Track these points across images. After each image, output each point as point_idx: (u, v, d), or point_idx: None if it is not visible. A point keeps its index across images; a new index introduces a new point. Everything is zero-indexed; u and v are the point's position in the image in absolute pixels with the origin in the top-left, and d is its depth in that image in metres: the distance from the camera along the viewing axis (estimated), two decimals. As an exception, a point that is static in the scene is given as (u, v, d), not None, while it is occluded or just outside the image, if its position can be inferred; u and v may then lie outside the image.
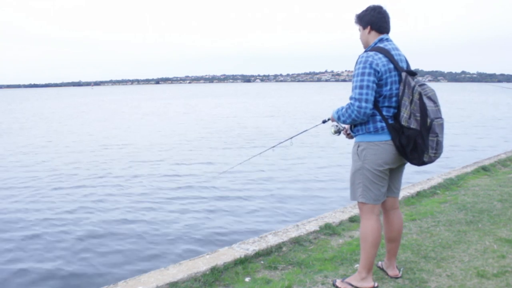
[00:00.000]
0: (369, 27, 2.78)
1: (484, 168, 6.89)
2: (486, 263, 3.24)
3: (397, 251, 3.07)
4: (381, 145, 2.71)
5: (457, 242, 3.68)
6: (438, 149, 2.65)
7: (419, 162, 2.70)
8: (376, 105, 2.71)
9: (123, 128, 20.60)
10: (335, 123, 3.01)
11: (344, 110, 2.75)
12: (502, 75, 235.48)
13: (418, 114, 2.60)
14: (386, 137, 2.71)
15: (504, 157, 8.06)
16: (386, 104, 2.71)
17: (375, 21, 2.76)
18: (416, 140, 2.62)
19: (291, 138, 3.70)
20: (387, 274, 3.08)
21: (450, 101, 41.58)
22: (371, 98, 2.63)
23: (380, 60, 2.65)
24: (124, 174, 10.03)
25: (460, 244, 3.64)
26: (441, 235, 3.86)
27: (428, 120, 2.59)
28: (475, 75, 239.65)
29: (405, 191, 5.41)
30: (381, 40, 2.76)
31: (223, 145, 14.56)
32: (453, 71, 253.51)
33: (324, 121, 3.24)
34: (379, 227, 2.82)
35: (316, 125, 3.34)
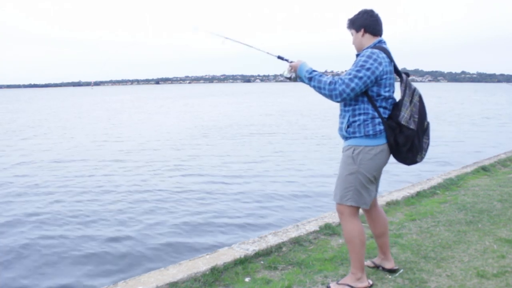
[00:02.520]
0: (362, 30, 2.79)
1: (484, 168, 6.89)
2: (486, 263, 3.24)
3: (388, 244, 3.10)
4: (378, 150, 2.72)
5: (457, 242, 3.68)
6: (426, 151, 2.81)
7: (412, 162, 2.80)
8: (374, 105, 2.70)
9: (130, 127, 20.61)
10: (293, 71, 2.85)
11: (325, 81, 2.67)
12: (502, 75, 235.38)
13: (416, 116, 2.69)
14: (383, 140, 2.73)
15: (504, 157, 8.06)
16: (383, 104, 2.73)
17: (368, 24, 2.77)
18: (413, 141, 2.69)
19: (226, 38, 3.28)
20: (383, 269, 3.11)
21: (455, 101, 41.60)
22: (358, 90, 2.62)
23: (383, 60, 2.67)
24: (124, 174, 10.03)
25: (460, 244, 3.64)
26: (441, 235, 3.86)
27: (425, 123, 2.74)
28: (475, 75, 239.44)
29: (405, 191, 5.41)
30: (380, 42, 2.78)
31: (225, 143, 14.56)
32: (453, 71, 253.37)
33: (279, 58, 2.98)
34: (362, 227, 2.87)
35: (268, 53, 3.07)
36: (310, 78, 2.76)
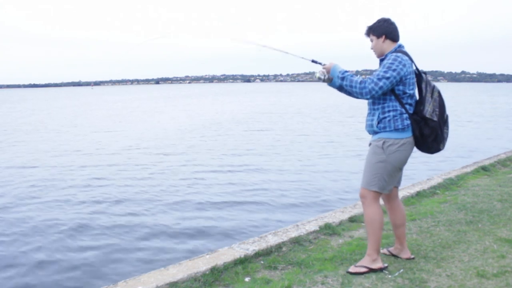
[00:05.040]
0: (383, 37, 3.09)
1: (484, 168, 6.89)
2: (486, 263, 3.24)
3: (405, 235, 3.37)
4: (405, 142, 3.02)
5: (457, 242, 3.68)
6: (446, 140, 3.14)
7: (436, 150, 3.13)
8: (401, 103, 3.02)
9: (137, 126, 20.61)
10: (325, 72, 3.13)
11: (356, 80, 2.99)
12: (502, 75, 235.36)
13: (437, 109, 3.03)
14: (409, 134, 3.04)
15: (504, 157, 8.05)
16: (409, 101, 3.04)
17: (389, 31, 3.09)
18: (437, 132, 3.01)
19: (264, 46, 3.63)
20: (398, 258, 3.32)
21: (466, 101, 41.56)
22: (385, 88, 2.95)
23: (407, 62, 3.00)
24: (123, 173, 10.03)
25: (460, 244, 3.64)
26: (441, 235, 3.86)
27: (445, 115, 3.09)
28: (475, 75, 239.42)
29: (405, 191, 5.40)
30: (400, 47, 3.10)
31: (225, 142, 14.56)
32: (453, 71, 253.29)
33: (313, 61, 3.27)
34: (382, 211, 3.14)
35: (303, 58, 3.35)
36: (342, 78, 3.05)
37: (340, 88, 3.21)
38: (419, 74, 3.09)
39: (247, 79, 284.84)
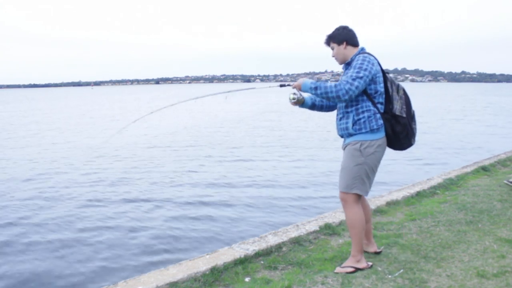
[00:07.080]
0: (345, 43, 3.16)
1: (484, 168, 6.89)
2: (486, 263, 3.25)
3: (371, 230, 3.49)
4: (381, 143, 3.08)
5: (457, 242, 3.68)
6: (416, 135, 3.22)
7: (408, 146, 3.21)
8: (373, 102, 3.07)
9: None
10: (297, 92, 3.21)
11: (331, 85, 3.01)
12: (502, 75, 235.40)
13: (404, 106, 3.12)
14: (383, 134, 3.10)
15: (504, 157, 8.06)
16: (380, 100, 3.10)
17: (349, 37, 3.16)
18: (407, 128, 3.10)
19: (228, 92, 3.86)
20: (367, 253, 3.39)
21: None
22: (360, 88, 2.98)
23: (375, 61, 3.08)
24: (123, 174, 10.03)
25: (460, 244, 3.64)
26: (441, 235, 3.87)
27: (412, 111, 3.19)
28: (475, 75, 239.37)
29: (405, 191, 5.41)
30: (362, 49, 3.18)
31: (225, 141, 14.57)
32: (453, 71, 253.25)
33: (282, 85, 3.37)
34: (363, 213, 3.21)
35: (270, 86, 3.60)
36: (315, 88, 3.07)
37: (312, 106, 3.34)
38: (383, 74, 3.13)
39: (247, 79, 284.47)
